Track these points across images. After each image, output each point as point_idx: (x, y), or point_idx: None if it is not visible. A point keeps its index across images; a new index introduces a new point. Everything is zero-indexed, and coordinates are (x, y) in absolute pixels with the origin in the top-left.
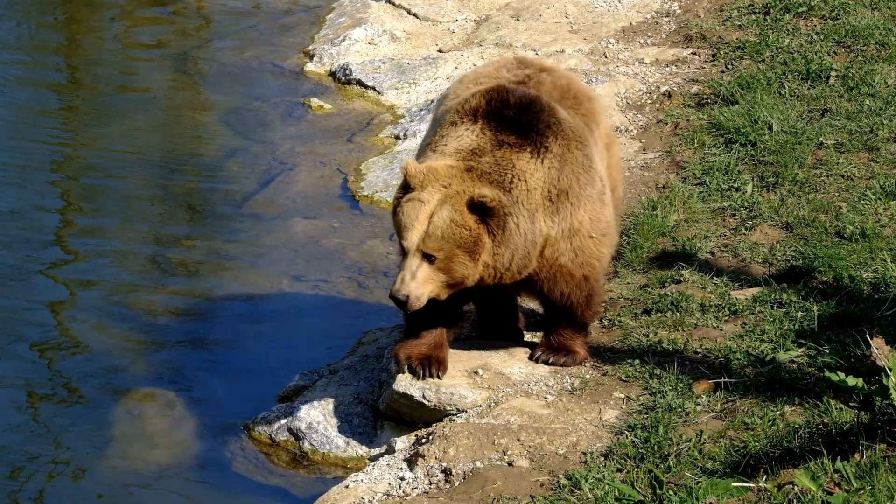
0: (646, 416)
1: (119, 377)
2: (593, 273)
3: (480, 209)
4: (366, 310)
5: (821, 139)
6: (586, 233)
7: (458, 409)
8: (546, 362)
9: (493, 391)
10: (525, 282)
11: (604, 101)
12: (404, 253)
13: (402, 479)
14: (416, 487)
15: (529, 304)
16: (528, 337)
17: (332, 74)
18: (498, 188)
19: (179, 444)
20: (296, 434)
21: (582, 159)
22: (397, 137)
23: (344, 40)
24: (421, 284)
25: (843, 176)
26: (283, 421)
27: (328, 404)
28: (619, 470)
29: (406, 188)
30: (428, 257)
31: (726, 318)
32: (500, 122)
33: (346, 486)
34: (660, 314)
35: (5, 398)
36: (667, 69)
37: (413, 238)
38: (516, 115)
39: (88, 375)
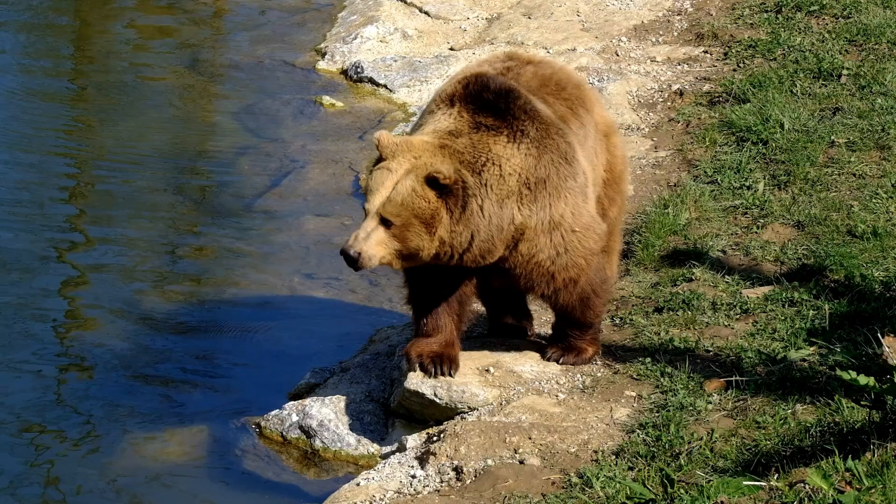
0: (657, 414)
1: (129, 373)
2: (582, 274)
3: (434, 184)
4: (377, 307)
5: (832, 138)
6: (568, 227)
7: (469, 407)
8: (555, 360)
9: (504, 389)
10: (505, 276)
11: (609, 103)
12: (366, 216)
13: (414, 477)
14: (427, 485)
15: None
16: (542, 332)
17: (344, 72)
18: (468, 169)
19: (190, 441)
20: (307, 432)
21: (564, 148)
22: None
23: (356, 38)
24: (374, 246)
25: (854, 174)
26: (295, 419)
27: (340, 402)
28: (631, 468)
29: (379, 159)
30: (385, 222)
31: (738, 316)
32: (477, 106)
33: (358, 484)
34: (671, 312)
35: (14, 392)
36: (678, 67)
37: (375, 201)
38: (495, 100)
39: (98, 371)
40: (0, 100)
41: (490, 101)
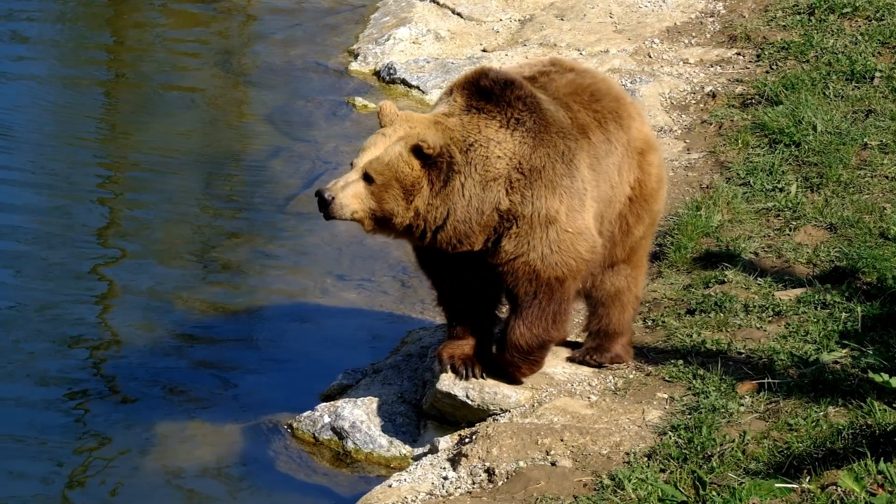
0: (689, 416)
1: (163, 375)
2: (569, 273)
3: (419, 153)
4: (409, 309)
5: (865, 140)
6: (562, 226)
7: (501, 409)
8: (581, 362)
9: (536, 391)
10: (489, 274)
11: (641, 105)
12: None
13: (446, 478)
14: (459, 487)
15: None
16: (571, 337)
17: (377, 73)
18: (457, 146)
19: (223, 442)
20: (339, 433)
21: (563, 148)
22: None
23: (388, 39)
24: (350, 196)
25: (887, 177)
26: (327, 420)
27: (372, 403)
28: (663, 470)
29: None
30: (368, 178)
31: (770, 318)
32: (472, 92)
33: (390, 486)
34: (703, 314)
35: (50, 395)
36: (711, 69)
37: (363, 158)
38: (490, 87)
39: (132, 373)
40: (32, 104)
41: (486, 88)
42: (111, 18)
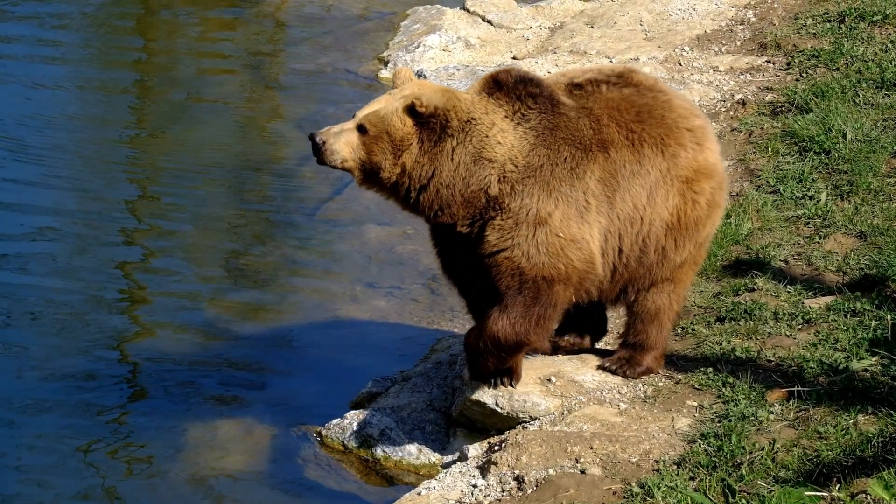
0: (719, 424)
1: (192, 382)
2: (558, 277)
3: (412, 111)
4: (439, 317)
5: (895, 148)
6: (553, 229)
7: (530, 417)
8: (613, 372)
9: (565, 399)
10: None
11: (693, 137)
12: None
13: (475, 486)
14: (488, 495)
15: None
16: (600, 345)
17: None
18: (456, 115)
19: (252, 449)
20: (368, 440)
21: (565, 154)
22: None
23: (418, 47)
24: (342, 143)
25: None
26: (356, 427)
27: (401, 411)
28: (692, 478)
29: None
30: (362, 129)
31: (800, 326)
32: (490, 82)
33: (419, 493)
34: (733, 322)
35: (80, 400)
36: (741, 77)
37: (364, 110)
38: (506, 80)
39: (162, 378)
40: (64, 111)
41: (501, 81)
42: (142, 24)
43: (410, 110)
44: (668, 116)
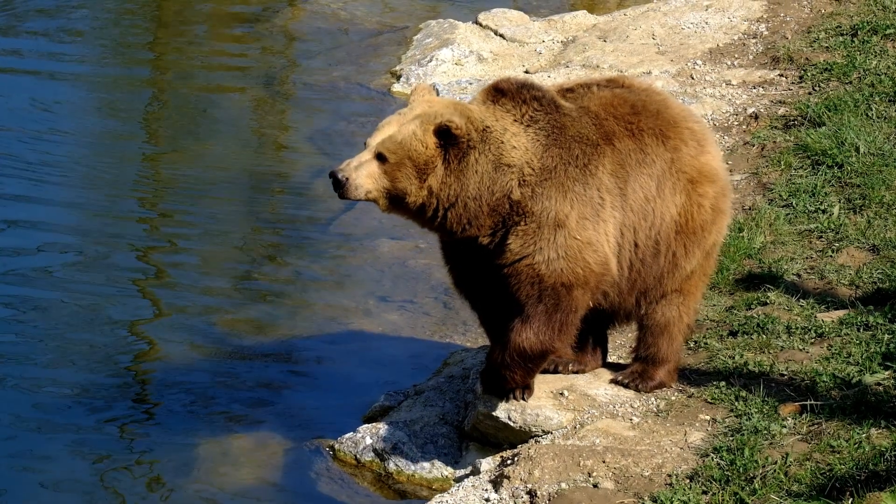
0: (731, 438)
1: (205, 396)
2: (576, 282)
3: (445, 134)
4: (452, 331)
5: None
6: (571, 232)
7: (543, 431)
8: (625, 386)
9: (578, 413)
10: (495, 275)
11: (694, 135)
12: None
13: (488, 500)
14: None
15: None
16: (612, 358)
17: None
18: (473, 127)
19: (264, 463)
20: (381, 454)
21: (577, 152)
22: None
23: (431, 61)
24: (363, 176)
25: None
26: (369, 441)
27: (413, 425)
28: (705, 492)
29: None
30: (381, 157)
31: (812, 340)
32: (491, 91)
33: None
34: (746, 336)
35: (93, 415)
36: (754, 91)
37: (377, 137)
38: (507, 87)
39: (174, 391)
40: (76, 128)
41: (503, 88)
42: (152, 38)
43: (443, 133)
44: (665, 113)
